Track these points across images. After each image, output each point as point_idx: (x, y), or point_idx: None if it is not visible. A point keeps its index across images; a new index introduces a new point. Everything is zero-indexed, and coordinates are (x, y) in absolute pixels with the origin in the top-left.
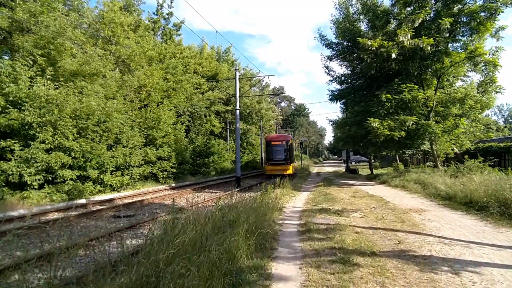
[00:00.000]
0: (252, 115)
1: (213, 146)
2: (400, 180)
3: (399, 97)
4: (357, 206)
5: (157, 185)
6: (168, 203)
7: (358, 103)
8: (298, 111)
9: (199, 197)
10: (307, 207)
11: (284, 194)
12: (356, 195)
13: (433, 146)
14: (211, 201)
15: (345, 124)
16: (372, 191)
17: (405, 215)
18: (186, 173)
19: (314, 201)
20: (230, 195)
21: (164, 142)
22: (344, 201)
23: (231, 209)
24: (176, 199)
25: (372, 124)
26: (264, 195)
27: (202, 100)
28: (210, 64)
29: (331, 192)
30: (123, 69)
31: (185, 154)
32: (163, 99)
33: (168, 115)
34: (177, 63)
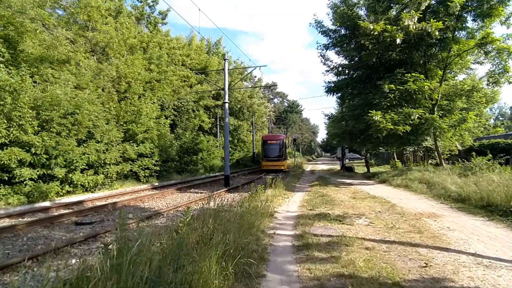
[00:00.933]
0: (243, 110)
1: (201, 142)
2: (402, 179)
3: (404, 88)
4: (360, 210)
5: (138, 184)
6: (145, 206)
7: (357, 95)
8: (291, 108)
9: (182, 198)
10: (302, 212)
11: (276, 195)
12: (356, 196)
13: (437, 142)
14: (195, 203)
15: (342, 118)
16: (373, 191)
17: (418, 222)
18: (172, 171)
19: (310, 203)
20: (216, 196)
21: (146, 137)
22: (344, 203)
23: (207, 220)
24: (156, 200)
25: (374, 117)
26: (252, 198)
27: (190, 93)
28: (199, 57)
29: (328, 193)
30: (102, 58)
31: (170, 151)
32: (145, 91)
33: (150, 108)
34: (162, 53)
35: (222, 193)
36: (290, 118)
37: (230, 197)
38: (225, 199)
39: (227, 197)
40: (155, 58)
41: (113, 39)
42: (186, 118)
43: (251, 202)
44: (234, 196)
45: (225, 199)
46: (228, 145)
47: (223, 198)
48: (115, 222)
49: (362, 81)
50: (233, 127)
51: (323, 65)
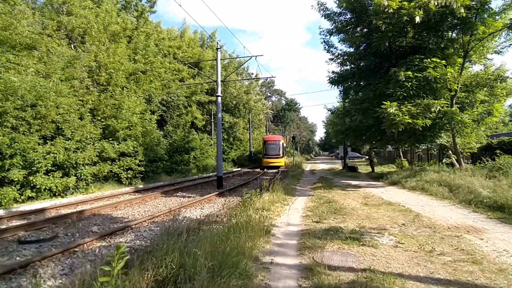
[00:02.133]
0: (239, 107)
1: (193, 140)
2: (417, 181)
3: (422, 75)
4: (378, 221)
5: (120, 187)
6: (118, 215)
7: (364, 87)
8: (289, 106)
9: (165, 204)
10: (307, 225)
11: (274, 202)
12: (369, 203)
13: (455, 139)
14: (178, 210)
15: (347, 113)
16: (386, 195)
17: (461, 242)
18: (160, 172)
19: (316, 213)
20: (205, 202)
21: (129, 134)
22: (356, 212)
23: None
24: (134, 207)
25: (389, 110)
26: (245, 206)
27: (181, 88)
28: (192, 50)
29: (335, 198)
30: (79, 45)
31: (158, 150)
32: (129, 83)
33: (133, 102)
34: (149, 42)
35: (212, 197)
36: (288, 116)
37: (221, 202)
38: (214, 205)
39: (217, 202)
40: (141, 47)
41: (92, 25)
42: (177, 115)
43: (243, 212)
44: (226, 201)
45: (214, 205)
46: (220, 143)
47: (213, 203)
48: (73, 239)
49: (370, 70)
50: (228, 125)
51: (326, 52)
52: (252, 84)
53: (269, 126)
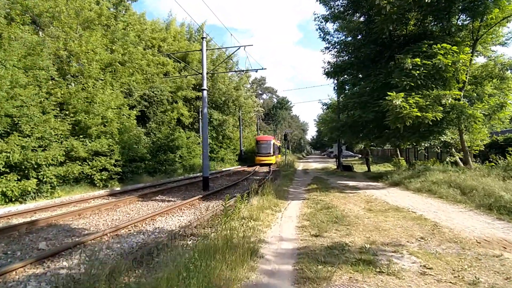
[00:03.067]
0: (228, 103)
1: (178, 138)
2: (422, 182)
3: (431, 63)
4: (390, 234)
5: (94, 190)
6: (79, 225)
7: (363, 79)
8: (281, 104)
9: (139, 211)
10: (304, 241)
11: (263, 208)
12: (373, 208)
13: (462, 136)
14: (151, 219)
15: (344, 108)
16: (390, 198)
17: (508, 266)
18: (141, 173)
19: (314, 222)
20: (186, 207)
21: (103, 131)
22: (362, 221)
23: None
24: (101, 215)
25: (394, 101)
26: (228, 216)
27: (165, 82)
28: (179, 43)
29: (333, 202)
30: (48, 32)
31: (138, 148)
32: (104, 74)
33: (109, 96)
34: (128, 31)
35: (195, 202)
36: (279, 115)
37: (204, 207)
38: (196, 211)
39: (200, 207)
40: (119, 36)
41: (61, 9)
42: (162, 111)
43: (226, 222)
44: (210, 206)
45: (196, 211)
46: (207, 141)
47: (195, 209)
48: (7, 261)
49: (370, 60)
50: (217, 122)
51: (322, 40)
52: (242, 80)
53: (260, 124)
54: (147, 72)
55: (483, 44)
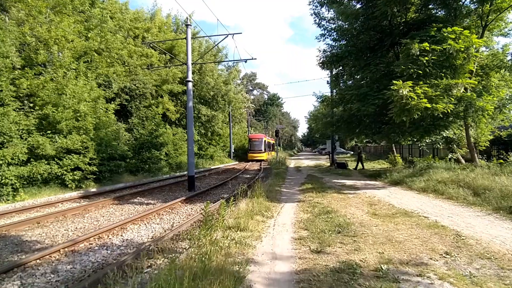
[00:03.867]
0: (217, 98)
1: (163, 135)
2: (426, 181)
3: (442, 48)
4: (407, 248)
5: (65, 192)
6: (32, 237)
7: (363, 68)
8: (272, 101)
9: (110, 217)
10: (304, 260)
11: (253, 213)
12: (378, 211)
13: (468, 131)
14: (122, 227)
15: (340, 101)
16: (394, 200)
17: None
18: (122, 172)
19: (312, 231)
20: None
21: (76, 127)
22: (369, 230)
23: None
24: (66, 222)
25: (400, 91)
26: (209, 228)
27: (149, 75)
28: (165, 35)
29: (332, 205)
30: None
31: (118, 146)
32: (78, 64)
33: (81, 87)
34: (106, 17)
35: (177, 205)
36: (270, 111)
37: (186, 211)
38: (176, 217)
39: (182, 212)
40: (95, 23)
41: None
42: (145, 106)
43: (206, 236)
44: (193, 210)
45: (176, 217)
46: (192, 137)
47: (176, 214)
48: None
49: (369, 48)
50: (206, 118)
51: (317, 26)
52: (231, 74)
53: (251, 121)
54: (129, 63)
55: (491, 30)
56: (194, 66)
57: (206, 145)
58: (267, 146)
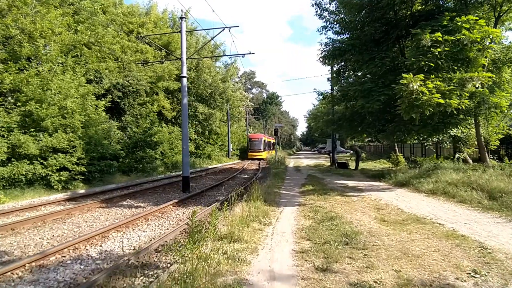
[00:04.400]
0: (215, 96)
1: (158, 133)
2: (435, 183)
3: (454, 39)
4: (427, 264)
5: (51, 194)
6: (2, 247)
7: (367, 63)
8: (271, 99)
9: (94, 223)
10: (308, 282)
11: (249, 219)
12: (387, 217)
13: (479, 129)
14: (105, 235)
15: (342, 97)
16: (402, 203)
17: None
18: (114, 172)
19: (316, 242)
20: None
21: (63, 124)
22: (380, 240)
23: None
24: (42, 229)
25: (410, 86)
26: (195, 241)
27: (144, 71)
28: (160, 31)
29: (336, 209)
30: None
31: (109, 145)
32: (66, 58)
33: (68, 83)
34: (96, 10)
35: (168, 208)
36: (269, 110)
37: (177, 216)
38: (165, 223)
39: (172, 216)
40: (85, 16)
41: None
42: (139, 103)
43: (194, 250)
44: (185, 214)
45: (165, 223)
46: (187, 135)
47: (165, 219)
48: None
49: (374, 41)
50: (203, 116)
51: (318, 18)
52: (229, 71)
53: (250, 120)
54: (122, 59)
55: (503, 22)
56: (191, 63)
57: (204, 144)
58: (266, 145)
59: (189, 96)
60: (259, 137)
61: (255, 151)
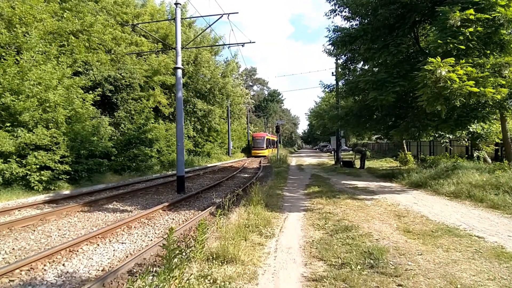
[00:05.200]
0: (214, 92)
1: (153, 130)
2: (456, 184)
3: (488, 17)
4: None
5: (31, 195)
6: None
7: (380, 50)
8: (272, 97)
9: (68, 232)
10: None
11: (247, 230)
12: (411, 227)
13: (505, 124)
14: (73, 250)
15: (351, 90)
16: (425, 209)
17: None
18: (105, 171)
19: (332, 263)
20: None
21: (44, 119)
22: (416, 263)
23: None
24: (3, 239)
25: (438, 72)
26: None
27: (138, 64)
28: (157, 24)
29: (349, 216)
30: None
31: (99, 142)
32: (50, 46)
33: (50, 73)
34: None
35: (157, 213)
36: (270, 108)
37: (165, 223)
38: (150, 231)
39: (160, 224)
40: (72, 2)
41: None
42: (134, 98)
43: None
44: (175, 220)
45: (150, 231)
46: (182, 132)
47: (151, 227)
48: None
49: (388, 27)
50: (202, 113)
51: (326, 1)
52: (229, 66)
53: (251, 117)
54: (115, 52)
55: None
56: (189, 57)
57: (203, 142)
58: (269, 143)
59: (187, 92)
60: (262, 135)
61: (258, 149)
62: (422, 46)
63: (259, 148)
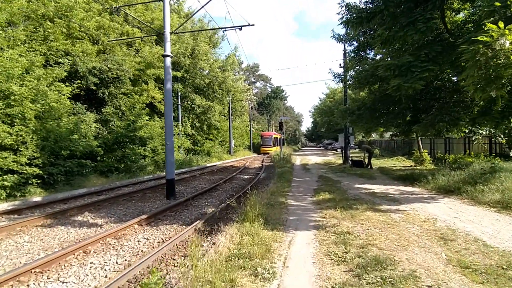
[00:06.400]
0: (213, 87)
1: (144, 127)
2: (501, 192)
3: None
4: None
5: None
6: None
7: (405, 28)
8: (275, 94)
9: (3, 260)
10: None
11: (235, 267)
12: (468, 260)
13: None
14: None
15: (366, 79)
16: (472, 226)
17: None
18: (88, 173)
19: None
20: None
21: (8, 114)
22: None
23: None
24: None
25: (498, 43)
26: None
27: (128, 56)
28: (151, 14)
29: (375, 239)
30: None
31: (79, 140)
32: (15, 29)
33: (13, 61)
34: None
35: (131, 229)
36: (273, 105)
37: (136, 244)
38: (111, 259)
39: (130, 245)
40: None
41: None
42: (124, 93)
43: None
44: (149, 239)
45: (111, 259)
46: (171, 128)
47: (118, 250)
48: None
49: (409, 2)
50: (201, 110)
51: None
52: (229, 59)
53: (253, 114)
54: (104, 42)
55: None
56: (185, 49)
57: (202, 140)
58: (276, 141)
59: (184, 87)
60: (270, 134)
61: (266, 147)
62: (450, 28)
63: (267, 146)
